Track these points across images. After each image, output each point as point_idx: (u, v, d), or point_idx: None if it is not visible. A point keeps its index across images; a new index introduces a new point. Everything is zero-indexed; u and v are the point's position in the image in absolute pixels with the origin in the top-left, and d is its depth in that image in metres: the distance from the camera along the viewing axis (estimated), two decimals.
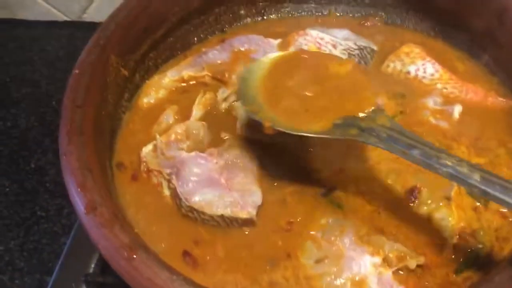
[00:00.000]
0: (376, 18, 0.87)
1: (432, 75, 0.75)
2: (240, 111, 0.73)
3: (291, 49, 0.81)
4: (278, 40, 0.84)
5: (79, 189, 0.54)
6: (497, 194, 0.47)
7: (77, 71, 0.65)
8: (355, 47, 0.80)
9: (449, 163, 0.50)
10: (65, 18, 1.18)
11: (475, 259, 0.57)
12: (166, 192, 0.64)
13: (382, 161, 0.65)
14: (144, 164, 0.67)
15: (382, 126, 0.56)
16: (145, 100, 0.77)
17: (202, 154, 0.66)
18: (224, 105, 0.75)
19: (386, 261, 0.56)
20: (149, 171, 0.67)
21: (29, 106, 1.01)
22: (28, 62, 1.10)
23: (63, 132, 0.60)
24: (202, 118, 0.74)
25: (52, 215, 0.85)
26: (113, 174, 0.66)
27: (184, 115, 0.75)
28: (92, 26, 1.13)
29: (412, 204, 0.61)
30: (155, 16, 0.78)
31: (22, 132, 0.96)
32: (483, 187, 0.48)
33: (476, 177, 0.48)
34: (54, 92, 1.03)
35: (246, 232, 0.61)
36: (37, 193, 0.87)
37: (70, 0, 1.15)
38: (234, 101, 0.75)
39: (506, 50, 0.72)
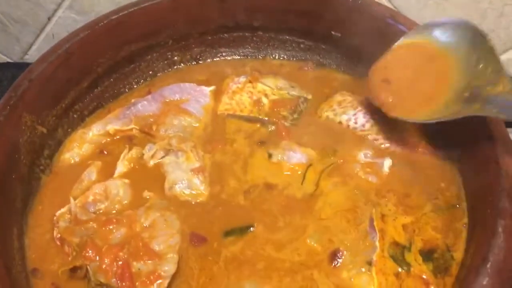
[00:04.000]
0: (313, 62, 0.86)
1: (363, 125, 0.73)
2: (169, 168, 0.70)
3: (224, 97, 0.80)
4: (212, 87, 0.82)
5: None
6: None
7: None
8: (289, 96, 0.78)
9: None
10: (7, 60, 1.15)
11: None
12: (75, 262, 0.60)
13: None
14: (56, 230, 0.63)
15: (503, 91, 0.52)
16: (67, 156, 0.74)
17: (113, 220, 0.62)
18: (152, 162, 0.72)
19: None
20: (62, 238, 0.63)
21: None
22: None
23: None
24: (127, 175, 0.71)
25: None
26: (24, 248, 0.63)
27: (108, 171, 0.72)
28: None
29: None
30: (78, 68, 0.75)
31: None
32: None
33: None
34: None
35: None
36: None
37: (11, 42, 1.11)
38: (162, 157, 0.72)
39: None
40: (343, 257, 0.59)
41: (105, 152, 0.74)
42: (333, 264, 0.59)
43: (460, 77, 0.57)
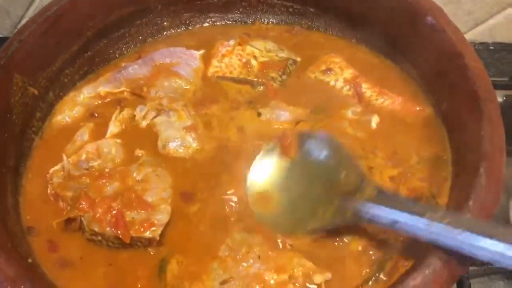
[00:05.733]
0: (301, 26, 0.86)
1: (350, 84, 0.74)
2: (161, 127, 0.71)
3: (214, 61, 0.80)
4: (201, 51, 0.82)
5: None
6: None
7: None
8: (278, 58, 0.79)
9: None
10: None
11: None
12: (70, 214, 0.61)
13: None
14: (50, 187, 0.65)
15: (370, 196, 0.55)
16: (59, 118, 0.75)
17: (106, 175, 0.63)
18: (144, 123, 0.73)
19: (292, 278, 0.55)
20: (56, 194, 0.64)
21: None
22: None
23: None
24: (119, 135, 0.72)
25: None
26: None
27: (101, 132, 0.73)
28: None
29: None
30: (67, 31, 0.75)
31: None
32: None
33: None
34: None
35: (152, 253, 0.59)
36: None
37: (1, 16, 1.11)
38: (154, 117, 0.73)
39: (422, 57, 0.72)
40: None
41: (96, 115, 0.75)
42: None
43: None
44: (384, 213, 0.51)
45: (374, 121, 0.69)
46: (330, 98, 0.74)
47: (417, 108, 0.70)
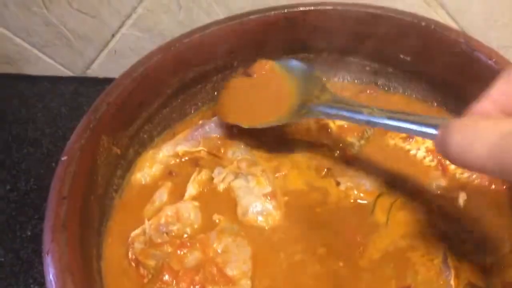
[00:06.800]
0: (377, 86, 0.85)
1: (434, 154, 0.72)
2: (240, 193, 0.71)
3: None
4: None
5: None
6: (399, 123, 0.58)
7: (64, 158, 0.64)
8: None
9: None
10: (70, 74, 1.19)
11: None
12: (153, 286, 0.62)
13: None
14: (131, 251, 0.65)
15: (325, 101, 0.70)
16: (138, 175, 0.76)
17: (187, 244, 0.63)
18: (222, 185, 0.73)
19: None
20: (137, 260, 0.65)
21: (29, 167, 1.01)
22: (30, 119, 1.11)
23: (46, 227, 0.58)
24: (197, 198, 0.72)
25: None
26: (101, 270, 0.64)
27: (178, 193, 0.73)
28: (95, 82, 1.16)
29: None
30: (151, 90, 0.77)
31: (21, 196, 0.96)
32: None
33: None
34: (55, 152, 1.03)
35: None
36: (31, 264, 0.85)
37: (74, 57, 1.15)
38: (232, 181, 0.73)
39: None
40: None
41: (174, 174, 0.76)
42: None
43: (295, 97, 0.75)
44: (332, 111, 0.68)
45: (462, 198, 0.66)
46: (411, 169, 0.71)
47: (508, 186, 0.67)
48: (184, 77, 0.81)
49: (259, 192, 0.69)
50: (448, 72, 0.76)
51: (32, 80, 1.19)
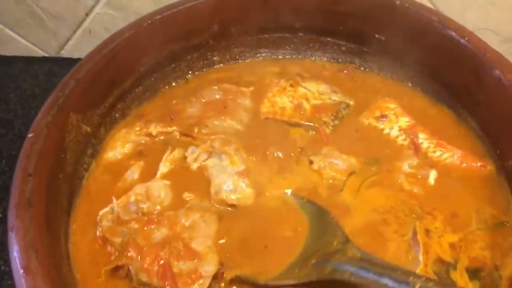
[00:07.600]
0: (353, 65, 0.84)
1: (406, 133, 0.72)
2: (214, 171, 0.70)
3: (265, 100, 0.79)
4: (251, 88, 0.81)
5: (22, 272, 0.52)
6: None
7: (30, 135, 0.62)
8: (330, 101, 0.78)
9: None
10: (43, 54, 1.16)
11: None
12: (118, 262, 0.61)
13: None
14: (99, 229, 0.64)
15: (352, 258, 0.55)
16: (110, 154, 0.74)
17: (154, 220, 0.63)
18: (195, 165, 0.72)
19: None
20: (105, 238, 0.64)
21: (0, 148, 0.99)
22: (2, 100, 1.08)
23: (11, 205, 0.57)
24: (168, 176, 0.71)
25: None
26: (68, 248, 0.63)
27: (151, 171, 0.72)
28: (70, 62, 1.13)
29: None
30: (122, 68, 0.75)
31: None
32: None
33: None
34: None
35: None
36: (3, 245, 0.84)
37: (48, 36, 1.13)
38: (205, 160, 0.72)
39: (485, 108, 0.70)
40: None
41: (146, 153, 0.74)
42: None
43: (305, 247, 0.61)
44: (367, 275, 0.53)
45: (432, 176, 0.67)
46: (384, 148, 0.72)
47: (478, 164, 0.68)
48: (157, 55, 0.79)
49: (232, 171, 0.69)
50: (421, 51, 0.76)
51: (4, 61, 1.16)
